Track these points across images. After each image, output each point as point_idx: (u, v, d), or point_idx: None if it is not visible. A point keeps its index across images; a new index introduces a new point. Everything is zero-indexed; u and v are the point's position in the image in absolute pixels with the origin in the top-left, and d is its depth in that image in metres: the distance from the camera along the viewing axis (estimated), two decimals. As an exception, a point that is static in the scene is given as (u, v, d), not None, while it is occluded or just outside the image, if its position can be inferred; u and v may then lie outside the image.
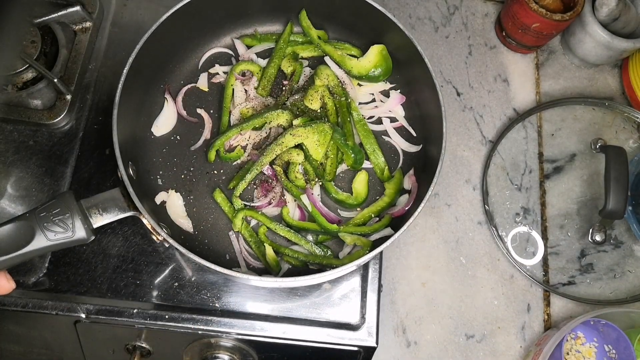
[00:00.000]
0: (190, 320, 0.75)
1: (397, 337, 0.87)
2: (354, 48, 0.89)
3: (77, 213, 0.63)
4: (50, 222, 0.62)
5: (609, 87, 1.08)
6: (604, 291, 0.92)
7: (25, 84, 0.84)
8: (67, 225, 0.62)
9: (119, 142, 0.69)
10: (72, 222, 0.62)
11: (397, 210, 0.79)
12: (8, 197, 0.81)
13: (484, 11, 1.10)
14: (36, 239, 0.61)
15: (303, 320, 0.77)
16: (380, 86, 0.88)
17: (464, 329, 0.88)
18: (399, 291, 0.89)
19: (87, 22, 0.90)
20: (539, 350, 0.83)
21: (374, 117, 0.87)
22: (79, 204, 0.64)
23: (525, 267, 0.91)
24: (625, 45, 0.98)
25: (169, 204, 0.78)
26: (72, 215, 0.63)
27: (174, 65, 0.86)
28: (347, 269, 0.68)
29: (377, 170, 0.83)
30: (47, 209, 0.62)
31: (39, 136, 0.84)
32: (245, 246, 0.78)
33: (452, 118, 1.00)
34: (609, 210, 0.85)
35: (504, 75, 1.05)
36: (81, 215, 0.63)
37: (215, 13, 0.85)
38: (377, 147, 0.83)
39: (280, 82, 0.88)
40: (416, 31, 1.06)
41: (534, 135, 1.00)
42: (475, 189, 0.96)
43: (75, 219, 0.63)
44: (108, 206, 0.66)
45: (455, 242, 0.93)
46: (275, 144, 0.78)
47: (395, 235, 0.68)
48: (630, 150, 0.99)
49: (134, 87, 0.75)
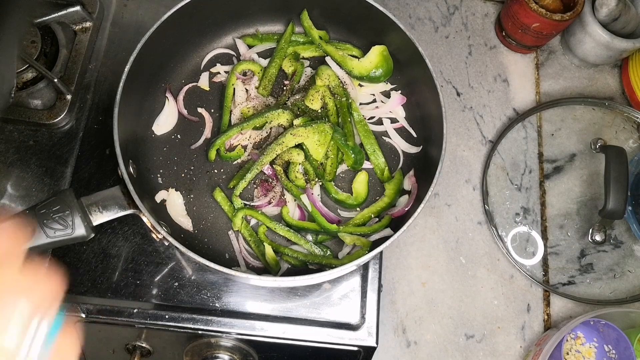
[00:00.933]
0: (190, 320, 0.75)
1: (397, 337, 0.87)
2: (355, 48, 0.89)
3: (77, 210, 0.63)
4: (50, 219, 0.62)
5: (609, 87, 1.08)
6: (603, 291, 0.92)
7: (26, 84, 0.84)
8: (67, 222, 0.62)
9: (119, 141, 0.69)
10: (72, 220, 0.62)
11: (397, 211, 0.79)
12: (8, 197, 0.81)
13: (483, 11, 1.10)
14: (36, 235, 0.61)
15: (303, 320, 0.77)
16: (381, 87, 0.88)
17: (464, 329, 0.88)
18: (399, 291, 0.89)
19: (88, 22, 0.90)
20: (538, 350, 0.83)
21: (374, 117, 0.87)
22: (79, 202, 0.64)
23: (525, 267, 0.91)
24: (625, 45, 0.98)
25: (169, 203, 0.78)
26: (72, 213, 0.63)
27: (175, 64, 0.86)
28: (347, 269, 0.68)
29: (377, 171, 0.83)
30: (47, 206, 0.62)
31: (39, 136, 0.85)
32: (245, 245, 0.78)
33: (452, 118, 1.00)
34: (609, 210, 0.85)
35: (504, 75, 1.05)
36: (81, 212, 0.63)
37: (217, 13, 0.85)
38: (378, 148, 0.84)
39: (281, 82, 0.88)
40: (416, 31, 1.06)
41: (533, 135, 1.00)
42: (475, 189, 0.96)
43: (75, 216, 0.63)
44: (108, 204, 0.66)
45: (455, 242, 0.93)
46: (275, 143, 0.78)
47: (395, 236, 0.68)
48: (630, 150, 0.99)
49: (135, 86, 0.75)
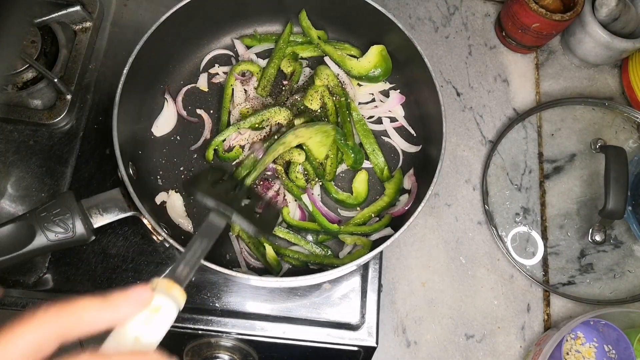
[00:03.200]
0: (190, 320, 0.75)
1: (397, 337, 0.87)
2: (353, 48, 0.89)
3: (78, 213, 0.63)
4: (51, 222, 0.62)
5: (609, 87, 1.08)
6: (603, 291, 0.92)
7: (26, 84, 0.84)
8: (68, 225, 0.62)
9: (119, 143, 0.69)
10: (72, 222, 0.63)
11: (397, 210, 0.79)
12: (8, 197, 0.81)
13: (483, 11, 1.10)
14: (37, 239, 0.61)
15: (303, 320, 0.77)
16: (380, 86, 0.88)
17: (464, 329, 0.88)
18: (399, 291, 0.89)
19: (87, 22, 0.90)
20: (538, 350, 0.83)
21: (373, 117, 0.87)
22: (79, 204, 0.64)
23: (525, 267, 0.91)
24: (625, 45, 0.98)
25: (169, 204, 0.78)
26: (73, 216, 0.63)
27: (174, 65, 0.87)
28: (347, 269, 0.68)
29: (377, 170, 0.83)
30: (48, 209, 0.63)
31: (39, 136, 0.85)
32: (245, 246, 0.78)
33: (452, 118, 1.00)
34: (609, 210, 0.85)
35: (504, 75, 1.05)
36: (81, 215, 0.63)
37: (215, 13, 0.85)
38: (377, 147, 0.83)
39: (280, 82, 0.88)
40: (416, 31, 1.06)
41: (533, 135, 1.00)
42: (475, 189, 0.96)
43: (76, 219, 0.63)
44: (108, 206, 0.66)
45: (455, 242, 0.93)
46: (277, 143, 0.78)
47: (396, 235, 0.69)
48: (630, 150, 0.99)
49: (134, 87, 0.75)
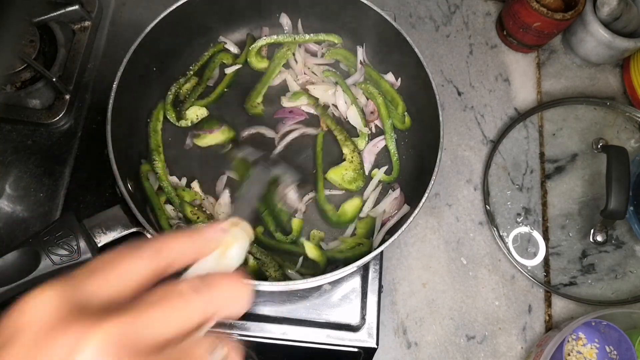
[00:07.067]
0: (190, 322, 0.74)
1: (397, 338, 0.86)
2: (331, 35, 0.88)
3: (81, 234, 0.62)
4: (55, 246, 0.60)
5: (611, 87, 1.07)
6: (605, 292, 0.91)
7: (24, 84, 0.84)
8: (72, 246, 0.60)
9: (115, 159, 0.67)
10: (76, 243, 0.61)
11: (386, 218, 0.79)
12: (6, 197, 0.80)
13: (484, 10, 1.10)
14: (42, 263, 0.59)
15: (303, 321, 0.77)
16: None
17: (465, 330, 0.88)
18: (400, 292, 0.88)
19: (86, 21, 0.90)
20: (540, 351, 0.83)
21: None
22: (81, 225, 0.63)
23: (527, 268, 0.91)
24: (627, 45, 0.97)
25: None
26: (76, 237, 0.61)
27: (173, 66, 0.86)
28: (348, 270, 0.68)
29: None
30: (51, 232, 0.61)
31: (38, 136, 0.84)
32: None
33: (452, 118, 1.00)
34: (611, 210, 0.84)
35: (505, 74, 1.05)
36: (85, 235, 0.62)
37: (214, 13, 0.85)
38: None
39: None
40: (417, 30, 1.06)
41: (535, 135, 1.00)
42: (476, 189, 0.96)
43: (80, 239, 0.61)
44: (111, 224, 0.65)
45: (456, 243, 0.92)
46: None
47: (395, 235, 0.68)
48: (632, 150, 0.98)
49: (126, 96, 0.74)
